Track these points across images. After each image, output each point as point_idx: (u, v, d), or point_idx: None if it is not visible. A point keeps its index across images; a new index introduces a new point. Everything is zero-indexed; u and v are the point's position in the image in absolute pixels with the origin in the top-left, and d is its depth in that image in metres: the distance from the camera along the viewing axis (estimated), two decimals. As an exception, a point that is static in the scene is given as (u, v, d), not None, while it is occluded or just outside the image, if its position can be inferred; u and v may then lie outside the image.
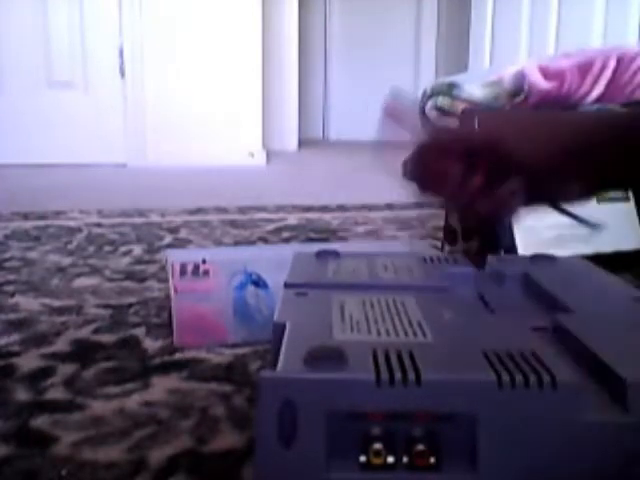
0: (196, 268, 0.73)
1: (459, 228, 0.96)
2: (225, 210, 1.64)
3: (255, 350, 0.70)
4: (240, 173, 2.50)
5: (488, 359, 0.33)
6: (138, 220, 1.50)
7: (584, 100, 1.78)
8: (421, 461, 0.31)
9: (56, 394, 0.61)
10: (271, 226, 1.45)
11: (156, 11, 2.68)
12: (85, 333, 0.77)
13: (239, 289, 0.73)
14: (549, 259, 0.55)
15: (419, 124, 0.54)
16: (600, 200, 1.00)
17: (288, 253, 0.58)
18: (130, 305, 0.87)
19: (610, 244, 1.01)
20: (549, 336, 0.39)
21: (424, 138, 0.52)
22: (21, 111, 2.64)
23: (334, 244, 1.07)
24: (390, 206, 1.72)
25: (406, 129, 0.53)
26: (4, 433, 0.53)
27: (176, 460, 0.49)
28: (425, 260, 0.56)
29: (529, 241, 0.95)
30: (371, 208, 1.69)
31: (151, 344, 0.73)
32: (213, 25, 2.74)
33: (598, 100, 1.76)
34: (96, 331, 0.77)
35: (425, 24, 4.19)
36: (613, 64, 1.78)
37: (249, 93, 2.82)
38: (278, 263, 0.60)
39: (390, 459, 0.31)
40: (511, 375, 0.31)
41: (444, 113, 2.13)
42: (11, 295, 0.91)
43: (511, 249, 0.94)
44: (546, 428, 0.31)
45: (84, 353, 0.71)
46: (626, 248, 1.02)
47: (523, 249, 0.94)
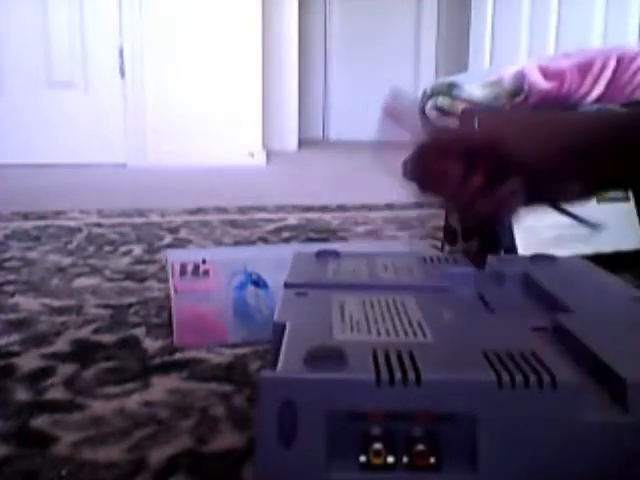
0: (196, 268, 0.73)
1: (459, 228, 0.96)
2: (225, 210, 1.64)
3: (255, 350, 0.70)
4: (240, 173, 2.50)
5: (488, 359, 0.33)
6: (138, 220, 1.50)
7: (584, 100, 1.78)
8: (421, 461, 0.31)
9: (56, 394, 0.61)
10: (271, 226, 1.45)
11: (156, 11, 2.68)
12: (85, 333, 0.77)
13: (239, 289, 0.73)
14: (549, 259, 0.55)
15: (419, 124, 0.54)
16: (600, 200, 1.00)
17: (288, 253, 0.58)
18: (130, 305, 0.87)
19: (610, 244, 1.00)
20: (549, 336, 0.39)
21: (424, 138, 0.52)
22: (21, 111, 2.64)
23: (334, 244, 1.07)
24: (390, 206, 1.72)
25: (406, 129, 0.53)
26: (4, 433, 0.53)
27: (176, 460, 0.49)
28: (425, 260, 0.56)
29: (529, 241, 0.95)
30: (371, 208, 1.69)
31: (151, 344, 0.73)
32: (213, 25, 2.74)
33: (598, 100, 1.76)
34: (96, 331, 0.77)
35: (425, 24, 4.19)
36: (613, 64, 1.78)
37: (249, 93, 2.82)
38: (278, 263, 0.60)
39: (390, 459, 0.31)
40: (511, 375, 0.31)
41: (444, 113, 2.13)
42: (11, 295, 0.92)
43: (511, 249, 0.94)
44: (546, 428, 0.31)
45: (84, 353, 0.71)
46: (626, 248, 1.02)
47: (523, 249, 0.94)
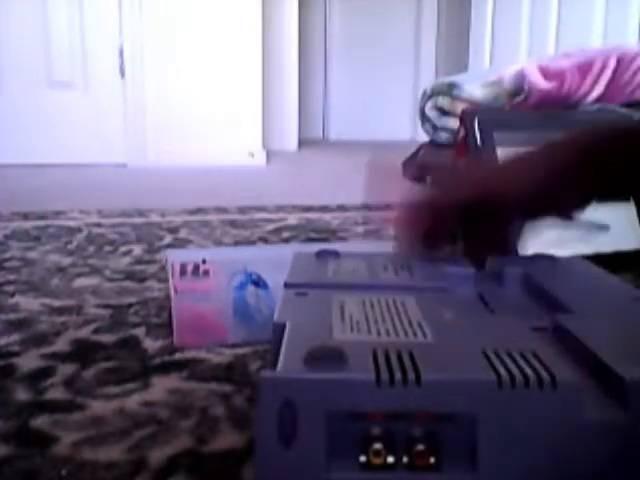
0: (196, 268, 0.73)
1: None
2: (225, 210, 1.64)
3: (255, 350, 0.70)
4: (240, 173, 2.50)
5: (488, 359, 0.33)
6: (138, 220, 1.50)
7: (584, 100, 1.78)
8: (421, 461, 0.31)
9: (56, 394, 0.61)
10: (271, 226, 1.45)
11: (156, 11, 2.68)
12: (85, 333, 0.77)
13: (239, 289, 0.73)
14: (549, 259, 0.55)
15: (403, 184, 0.55)
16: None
17: (288, 253, 0.58)
18: (130, 305, 0.87)
19: (610, 244, 1.00)
20: (549, 336, 0.39)
21: (410, 199, 0.52)
22: (21, 111, 2.64)
23: (334, 244, 1.07)
24: (390, 206, 1.72)
25: (391, 189, 0.54)
26: (4, 433, 0.53)
27: (176, 460, 0.49)
28: (425, 260, 0.56)
29: (529, 241, 0.95)
30: (371, 208, 1.69)
31: (151, 344, 0.73)
32: (213, 25, 2.74)
33: (598, 100, 1.76)
34: (96, 331, 0.77)
35: (425, 24, 4.19)
36: (613, 64, 1.78)
37: (249, 93, 2.82)
38: (278, 263, 0.60)
39: (390, 459, 0.31)
40: (511, 375, 0.31)
41: (444, 113, 2.14)
42: (11, 295, 0.91)
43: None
44: (546, 428, 0.31)
45: (84, 353, 0.71)
46: (626, 248, 1.02)
47: (523, 249, 0.94)
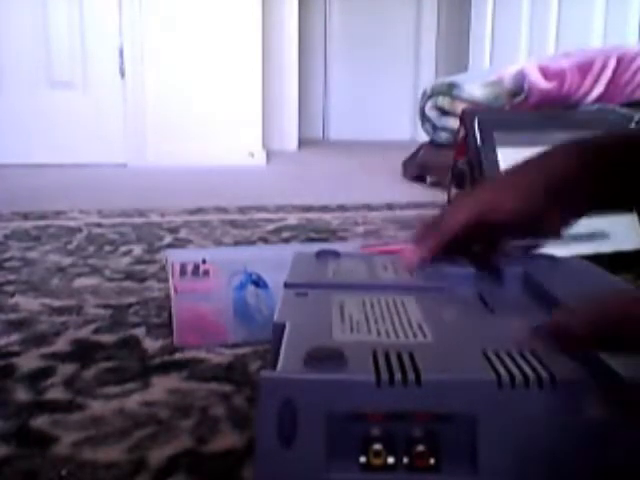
0: (196, 268, 0.73)
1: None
2: (225, 210, 1.64)
3: (255, 350, 0.70)
4: (240, 173, 2.50)
5: (488, 359, 0.33)
6: (138, 220, 1.50)
7: (584, 100, 1.78)
8: (421, 462, 0.31)
9: (56, 394, 0.61)
10: (271, 226, 1.45)
11: (156, 11, 2.68)
12: (85, 333, 0.77)
13: (239, 289, 0.73)
14: (549, 259, 0.55)
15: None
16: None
17: (288, 253, 0.58)
18: (130, 305, 0.87)
19: (610, 244, 1.00)
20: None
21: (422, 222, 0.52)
22: (21, 111, 2.64)
23: (334, 244, 1.07)
24: (390, 206, 1.72)
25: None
26: (4, 433, 0.53)
27: (176, 460, 0.49)
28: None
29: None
30: (371, 208, 1.69)
31: (151, 344, 0.73)
32: (213, 25, 2.74)
33: (598, 100, 1.76)
34: (96, 331, 0.77)
35: (425, 24, 4.19)
36: (613, 64, 1.78)
37: (249, 93, 2.82)
38: (278, 263, 0.60)
39: (390, 460, 0.31)
40: (511, 375, 0.31)
41: (444, 113, 2.13)
42: (11, 295, 0.91)
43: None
44: (546, 428, 0.31)
45: (84, 353, 0.71)
46: (626, 248, 1.02)
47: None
